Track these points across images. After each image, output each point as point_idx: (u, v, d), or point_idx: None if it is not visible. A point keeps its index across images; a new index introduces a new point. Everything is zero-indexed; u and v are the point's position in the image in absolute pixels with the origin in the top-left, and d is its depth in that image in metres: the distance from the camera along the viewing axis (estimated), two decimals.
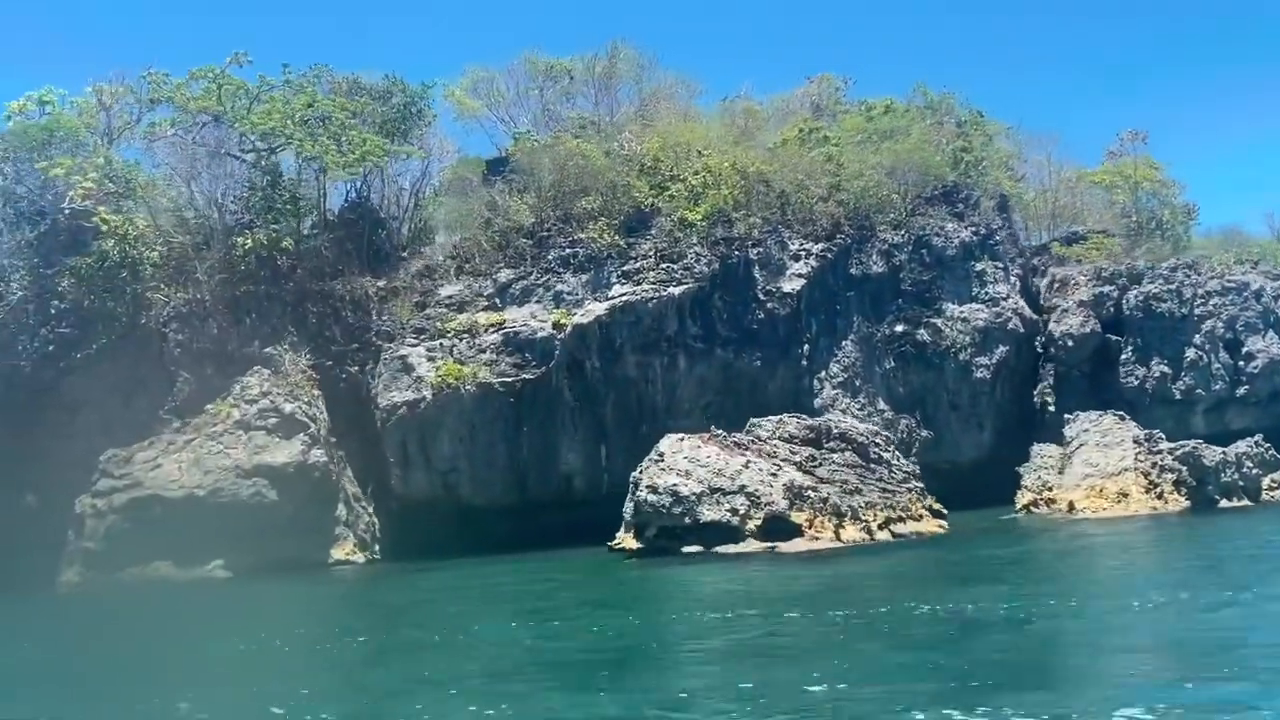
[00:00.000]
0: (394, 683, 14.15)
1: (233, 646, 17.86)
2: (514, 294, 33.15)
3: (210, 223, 37.28)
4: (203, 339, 35.36)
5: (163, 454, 30.20)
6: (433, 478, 31.44)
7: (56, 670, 17.32)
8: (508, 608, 20.59)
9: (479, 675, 14.28)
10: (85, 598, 27.42)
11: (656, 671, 14.13)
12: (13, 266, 33.41)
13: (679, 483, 24.14)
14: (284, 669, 15.94)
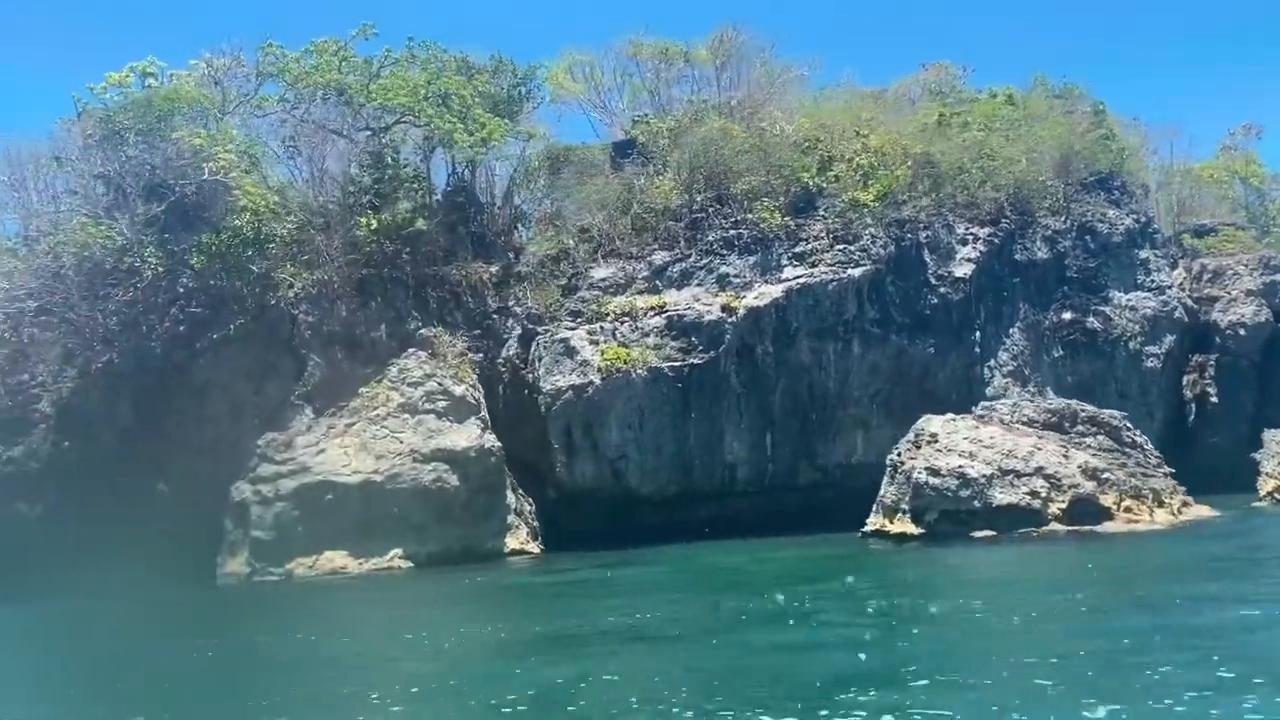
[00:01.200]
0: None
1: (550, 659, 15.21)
2: (672, 276, 32.28)
3: (329, 202, 35.99)
4: (332, 322, 34.17)
5: (324, 438, 28.95)
6: (600, 466, 30.46)
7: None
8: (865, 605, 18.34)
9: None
10: (270, 591, 26.12)
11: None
12: (141, 241, 31.92)
13: (964, 465, 23.36)
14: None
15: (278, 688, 14.38)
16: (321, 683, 14.65)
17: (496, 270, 36.36)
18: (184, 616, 24.50)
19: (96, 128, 33.19)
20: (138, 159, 32.41)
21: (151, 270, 31.18)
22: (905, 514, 24.38)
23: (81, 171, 33.31)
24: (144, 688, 15.14)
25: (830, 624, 16.22)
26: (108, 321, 31.18)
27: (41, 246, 31.11)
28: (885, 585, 19.87)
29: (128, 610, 25.55)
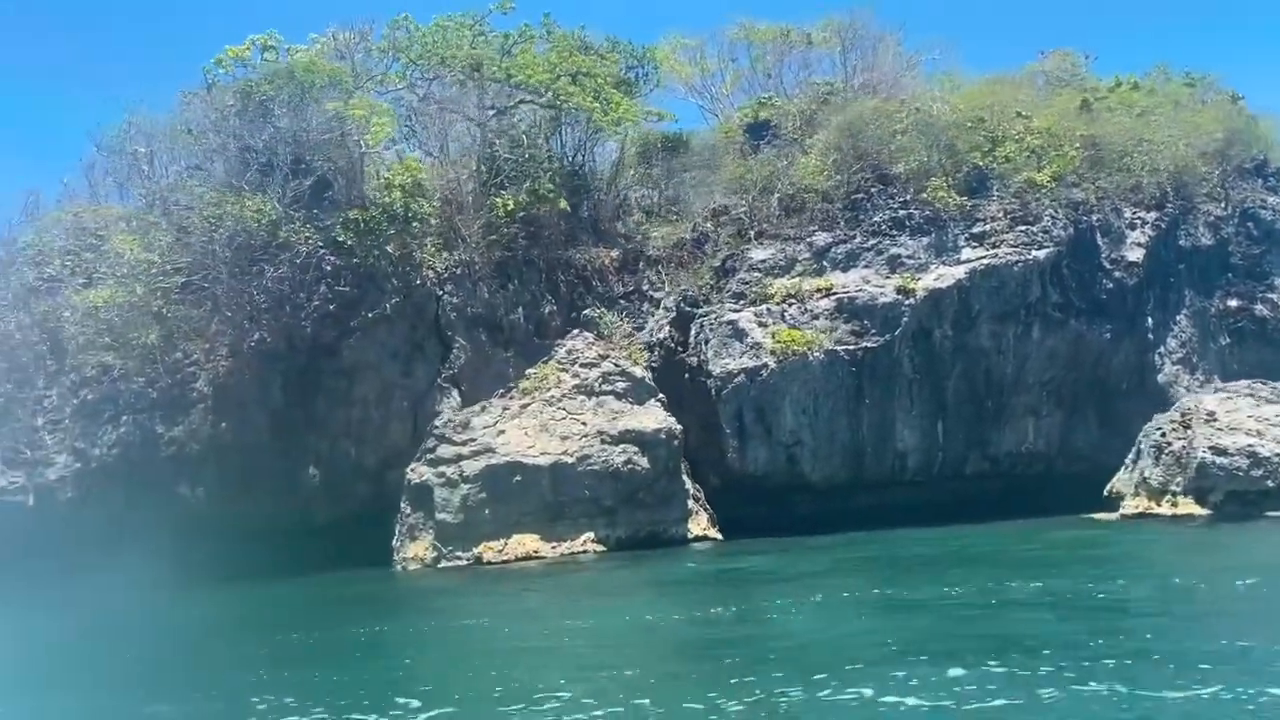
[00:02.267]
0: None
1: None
2: (836, 258, 31.69)
3: (463, 181, 35.20)
4: (475, 304, 33.46)
5: (500, 419, 28.14)
6: (774, 451, 29.83)
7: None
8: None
9: None
10: (461, 576, 25.24)
11: None
12: (290, 216, 30.95)
13: (1254, 443, 22.81)
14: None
15: (491, 676, 13.77)
16: (563, 672, 13.89)
17: (617, 255, 35.79)
18: (381, 600, 23.70)
19: (236, 99, 32.24)
20: (287, 130, 31.44)
21: (307, 246, 30.27)
22: (1179, 495, 23.82)
23: (221, 144, 32.33)
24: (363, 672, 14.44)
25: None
26: (257, 299, 30.26)
27: (192, 220, 30.07)
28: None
29: (320, 595, 24.75)
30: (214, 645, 18.63)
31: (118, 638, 19.74)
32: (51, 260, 30.87)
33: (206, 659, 17.17)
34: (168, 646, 18.50)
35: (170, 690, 14.31)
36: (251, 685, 13.99)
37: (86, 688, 15.10)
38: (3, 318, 28.16)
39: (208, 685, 14.61)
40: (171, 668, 16.47)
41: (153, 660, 17.15)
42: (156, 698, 13.80)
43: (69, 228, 31.11)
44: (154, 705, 13.47)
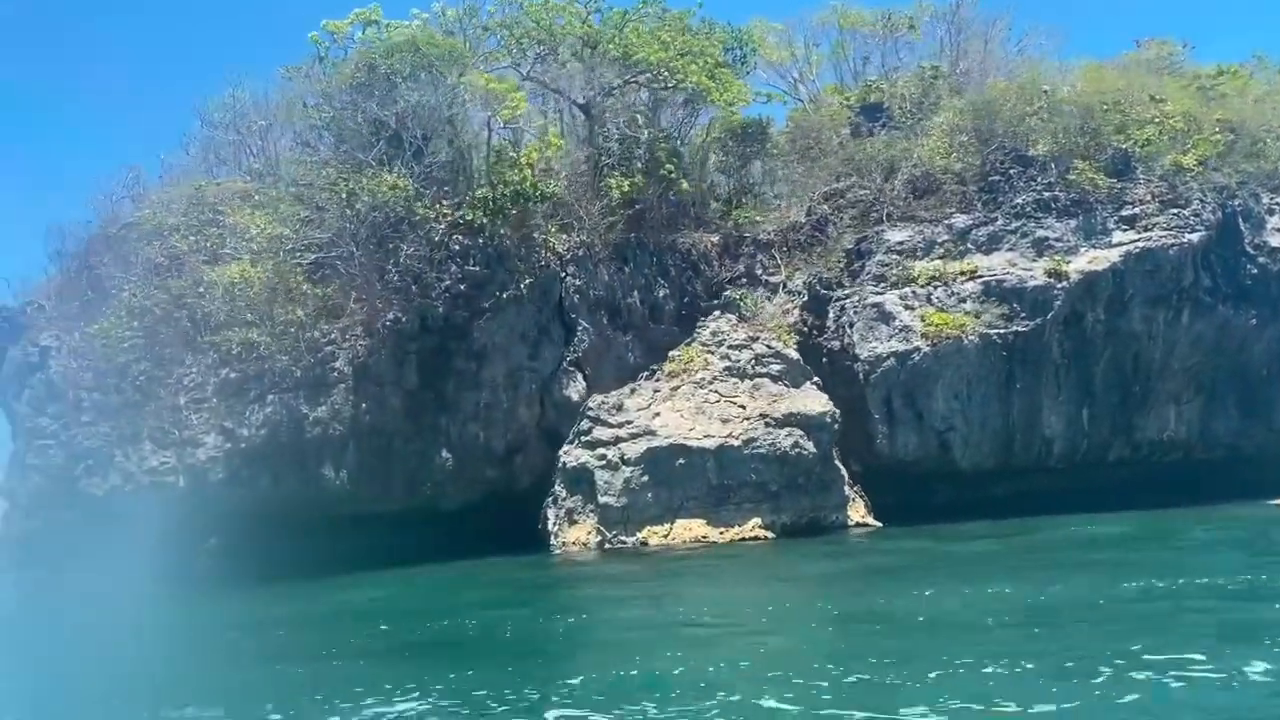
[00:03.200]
0: None
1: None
2: (978, 239, 31.15)
3: (578, 161, 34.49)
4: (596, 286, 32.79)
5: (653, 402, 27.44)
6: (925, 437, 29.23)
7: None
8: None
9: None
10: (634, 560, 24.46)
11: None
12: (420, 193, 30.11)
13: None
14: None
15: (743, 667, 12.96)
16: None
17: (717, 239, 35.29)
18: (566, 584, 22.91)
19: (361, 72, 31.35)
20: (418, 104, 30.59)
21: (445, 222, 29.47)
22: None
23: (337, 117, 31.45)
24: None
25: None
26: (390, 277, 29.44)
27: (323, 196, 29.18)
28: None
29: (495, 579, 23.97)
30: (442, 629, 17.75)
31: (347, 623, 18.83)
32: (168, 236, 29.88)
33: (460, 645, 16.30)
34: (411, 632, 17.63)
35: (422, 672, 13.44)
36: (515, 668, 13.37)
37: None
38: (135, 293, 27.07)
39: (485, 666, 13.83)
40: (426, 656, 15.51)
41: (420, 647, 16.29)
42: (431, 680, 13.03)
43: (190, 202, 30.09)
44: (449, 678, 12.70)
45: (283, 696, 12.46)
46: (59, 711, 13.49)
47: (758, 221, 35.66)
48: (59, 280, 31.22)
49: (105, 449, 24.83)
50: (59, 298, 29.31)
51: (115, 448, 24.89)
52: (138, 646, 17.98)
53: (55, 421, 25.39)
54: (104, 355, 26.17)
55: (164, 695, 13.03)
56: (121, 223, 31.83)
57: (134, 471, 24.76)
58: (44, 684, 15.31)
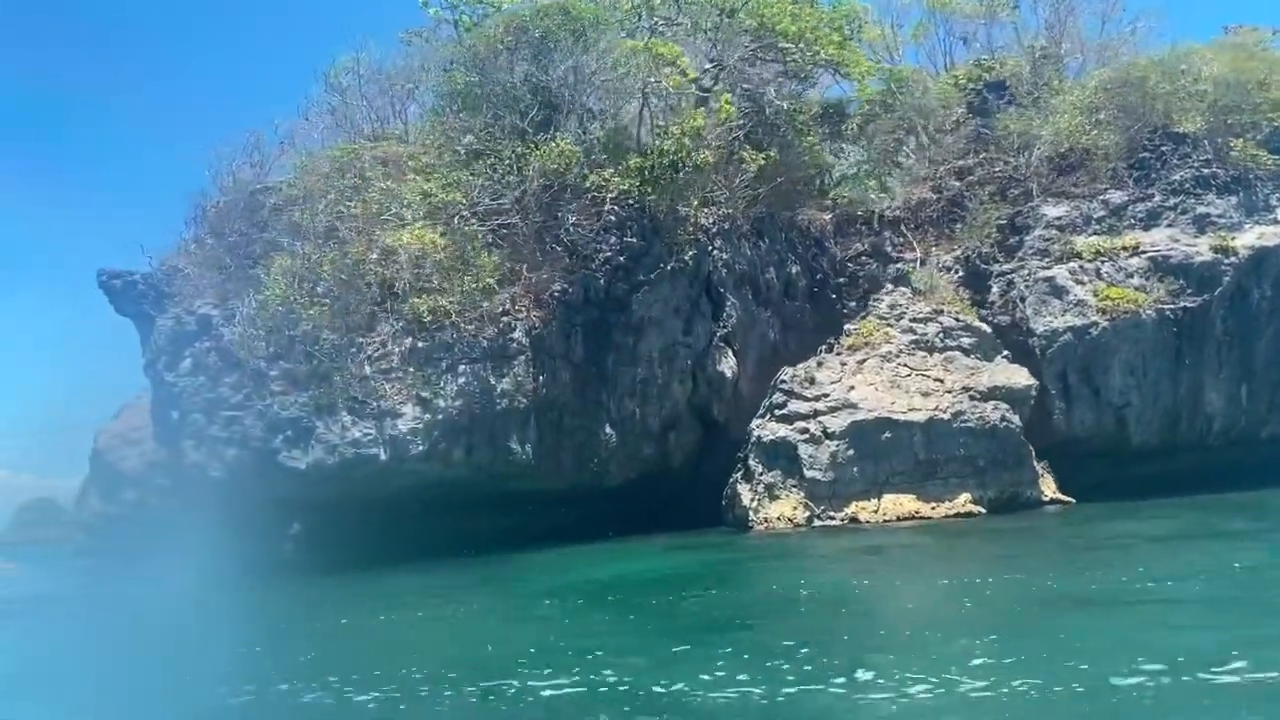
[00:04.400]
0: None
1: None
2: (1136, 215, 31.01)
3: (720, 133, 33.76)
4: (740, 261, 32.28)
5: (844, 375, 26.88)
6: (1102, 413, 29.02)
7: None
8: None
9: None
10: (859, 536, 23.89)
11: None
12: (580, 160, 29.22)
13: None
14: None
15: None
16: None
17: (830, 216, 35.05)
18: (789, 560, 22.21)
19: (506, 36, 30.37)
20: (578, 67, 29.70)
21: (602, 193, 28.63)
22: None
23: (483, 81, 30.45)
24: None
25: None
26: (554, 247, 28.57)
27: (492, 161, 28.19)
28: None
29: (715, 555, 23.18)
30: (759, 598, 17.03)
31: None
32: (316, 200, 28.67)
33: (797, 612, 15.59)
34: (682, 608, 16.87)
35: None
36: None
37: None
38: (306, 259, 25.89)
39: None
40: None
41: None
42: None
43: (338, 167, 28.91)
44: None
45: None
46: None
47: (877, 198, 35.38)
48: (194, 247, 29.85)
49: (305, 420, 23.62)
50: (203, 265, 27.94)
51: (315, 418, 23.68)
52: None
53: (237, 392, 24.12)
54: (285, 323, 24.94)
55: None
56: (251, 188, 30.55)
57: (337, 443, 23.60)
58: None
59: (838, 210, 35.78)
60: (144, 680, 14.02)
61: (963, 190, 34.32)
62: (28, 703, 13.09)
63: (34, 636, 20.94)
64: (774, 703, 9.82)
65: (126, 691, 13.33)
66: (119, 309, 28.24)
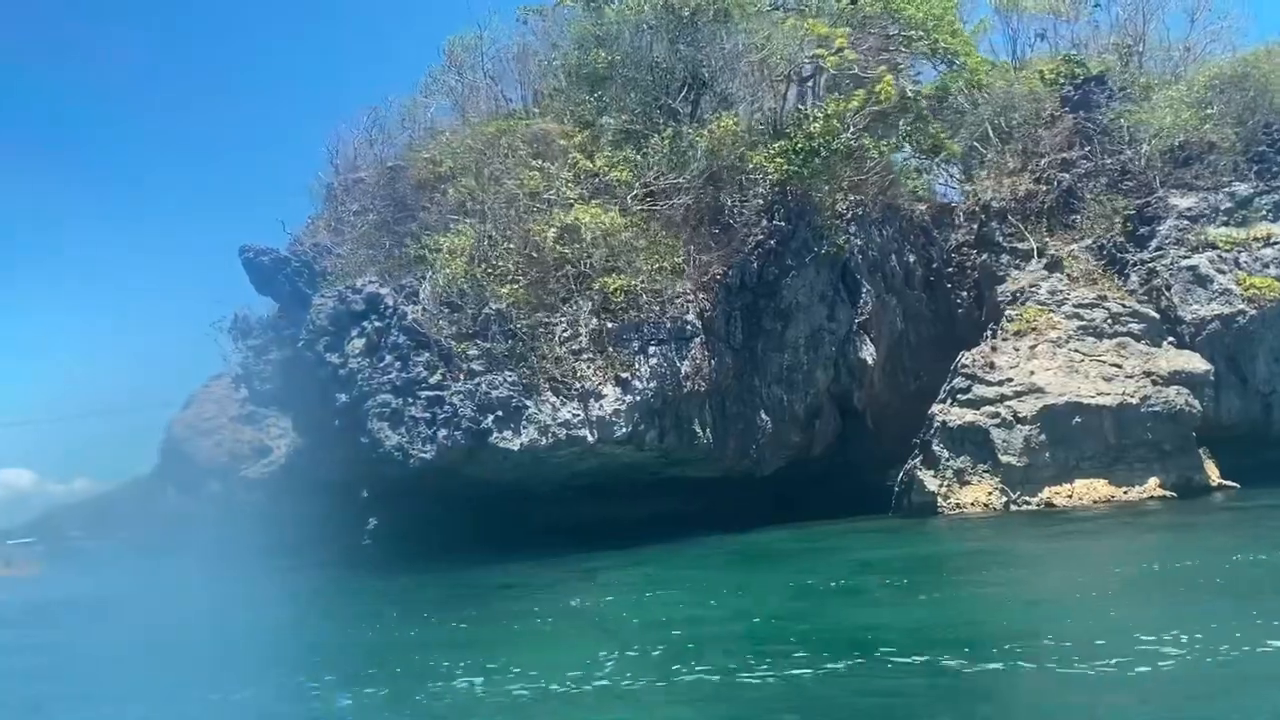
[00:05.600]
0: None
1: None
2: (1262, 207, 31.58)
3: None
4: (872, 248, 32.15)
5: (1021, 360, 26.83)
6: (1249, 401, 29.39)
7: None
8: None
9: None
10: (1056, 521, 23.74)
11: None
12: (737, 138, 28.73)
13: None
14: None
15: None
16: None
17: (925, 206, 35.30)
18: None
19: (649, 16, 29.85)
20: (730, 48, 29.27)
21: (773, 174, 28.25)
22: None
23: (633, 60, 29.89)
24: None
25: None
26: (712, 230, 28.14)
27: (652, 141, 27.61)
28: None
29: (950, 543, 22.86)
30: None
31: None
32: (459, 178, 27.80)
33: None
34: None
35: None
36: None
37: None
38: (483, 238, 25.03)
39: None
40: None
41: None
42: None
43: (486, 144, 28.06)
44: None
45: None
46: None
47: (975, 189, 35.54)
48: (329, 226, 28.77)
49: (514, 400, 22.74)
50: (355, 243, 26.90)
51: (524, 398, 22.83)
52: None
53: (432, 372, 23.16)
54: (473, 301, 24.06)
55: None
56: (385, 164, 29.56)
57: (549, 424, 22.77)
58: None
59: (932, 201, 35.93)
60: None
61: (1073, 182, 34.54)
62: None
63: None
64: None
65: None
66: (261, 287, 27.05)
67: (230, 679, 13.09)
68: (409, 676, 12.39)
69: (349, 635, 16.43)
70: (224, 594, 23.91)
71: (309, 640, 16.78)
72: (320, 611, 20.04)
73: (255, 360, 38.24)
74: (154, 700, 12.71)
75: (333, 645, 15.68)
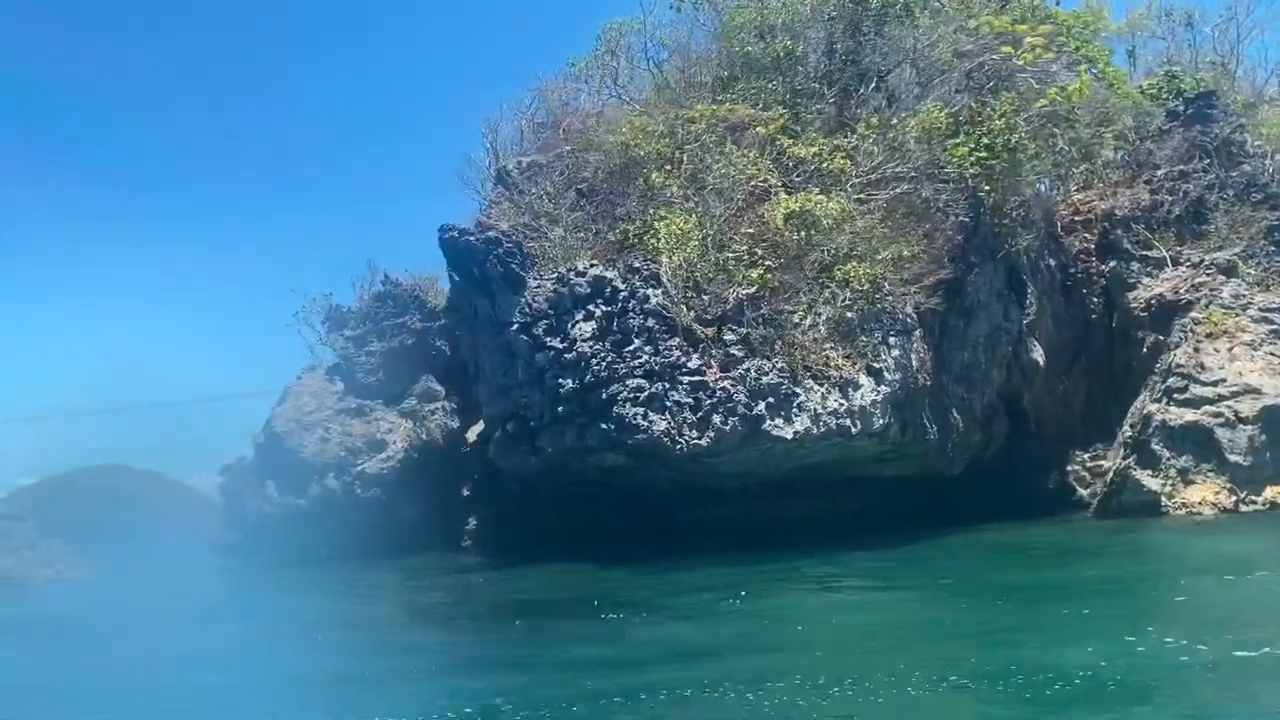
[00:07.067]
0: None
1: None
2: None
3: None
4: (1033, 249, 32.14)
5: (1224, 360, 26.97)
6: None
7: None
8: None
9: None
10: None
11: None
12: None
13: None
14: None
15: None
16: None
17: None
18: None
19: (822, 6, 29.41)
20: (913, 45, 28.95)
21: (971, 169, 27.95)
22: None
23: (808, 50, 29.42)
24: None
25: None
26: (906, 219, 27.75)
27: (863, 129, 27.10)
28: None
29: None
30: None
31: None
32: (646, 165, 26.95)
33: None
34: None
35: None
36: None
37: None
38: (715, 220, 24.18)
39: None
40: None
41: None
42: None
43: (669, 129, 27.25)
44: None
45: None
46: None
47: (1085, 197, 35.92)
48: (509, 207, 27.61)
49: (784, 387, 21.87)
50: (565, 227, 25.84)
51: (793, 386, 21.97)
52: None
53: (686, 356, 22.19)
54: (717, 285, 23.19)
55: None
56: (565, 149, 28.53)
57: (820, 412, 21.96)
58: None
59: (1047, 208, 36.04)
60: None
61: (1201, 192, 35.02)
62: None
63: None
64: None
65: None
66: (463, 269, 25.74)
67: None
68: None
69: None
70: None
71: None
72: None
73: (356, 351, 36.60)
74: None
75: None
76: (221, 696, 13.64)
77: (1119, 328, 32.97)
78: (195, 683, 14.54)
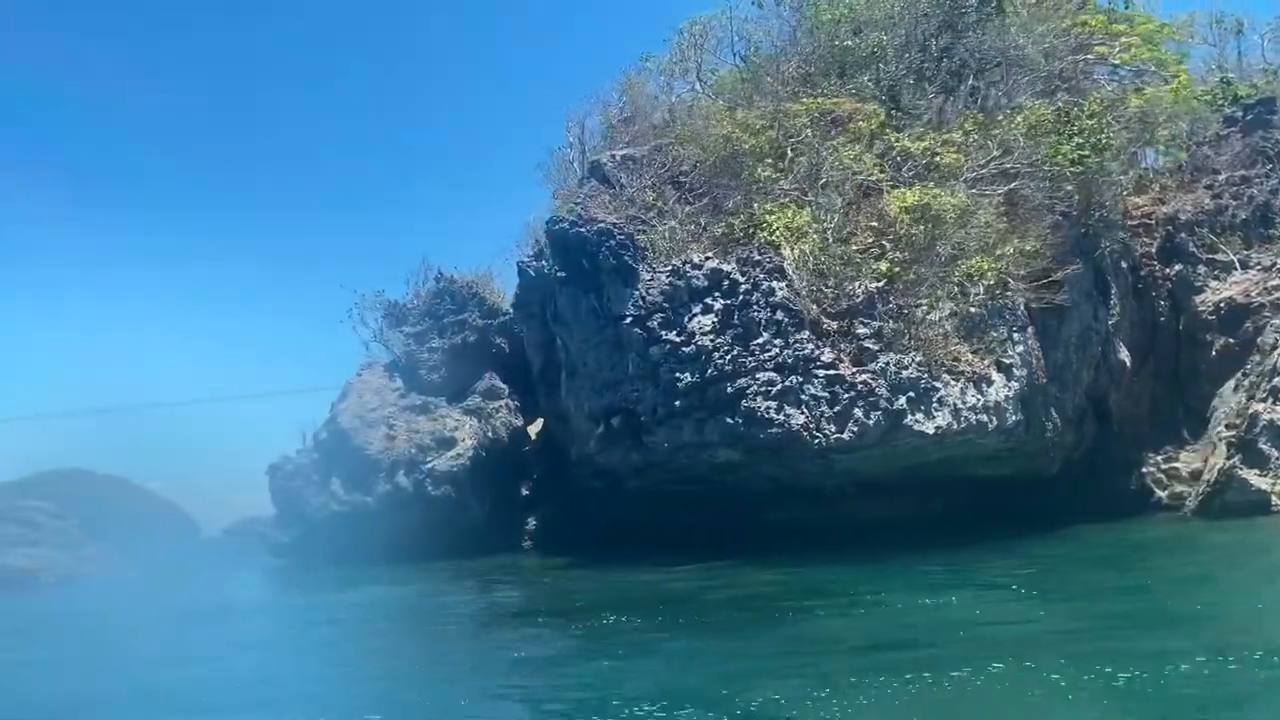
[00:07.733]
0: None
1: None
2: None
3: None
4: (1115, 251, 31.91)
5: None
6: None
7: None
8: None
9: None
10: None
11: None
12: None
13: None
14: None
15: None
16: None
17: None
18: None
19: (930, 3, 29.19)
20: (1009, 41, 28.78)
21: (1073, 166, 27.78)
22: None
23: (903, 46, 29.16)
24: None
25: None
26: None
27: (971, 123, 26.86)
28: None
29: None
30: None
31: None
32: (743, 159, 26.58)
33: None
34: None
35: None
36: None
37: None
38: (831, 218, 23.83)
39: None
40: None
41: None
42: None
43: (770, 122, 26.90)
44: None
45: None
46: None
47: (1143, 201, 35.90)
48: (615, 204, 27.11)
49: (924, 382, 21.51)
50: (680, 219, 25.40)
51: (932, 381, 21.62)
52: None
53: (820, 349, 21.79)
54: (843, 278, 22.83)
55: None
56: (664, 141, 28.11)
57: (960, 407, 21.61)
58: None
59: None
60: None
61: (1266, 197, 35.07)
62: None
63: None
64: None
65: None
66: (570, 262, 25.22)
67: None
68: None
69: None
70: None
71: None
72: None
73: (418, 348, 35.99)
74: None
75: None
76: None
77: (1186, 330, 32.88)
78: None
